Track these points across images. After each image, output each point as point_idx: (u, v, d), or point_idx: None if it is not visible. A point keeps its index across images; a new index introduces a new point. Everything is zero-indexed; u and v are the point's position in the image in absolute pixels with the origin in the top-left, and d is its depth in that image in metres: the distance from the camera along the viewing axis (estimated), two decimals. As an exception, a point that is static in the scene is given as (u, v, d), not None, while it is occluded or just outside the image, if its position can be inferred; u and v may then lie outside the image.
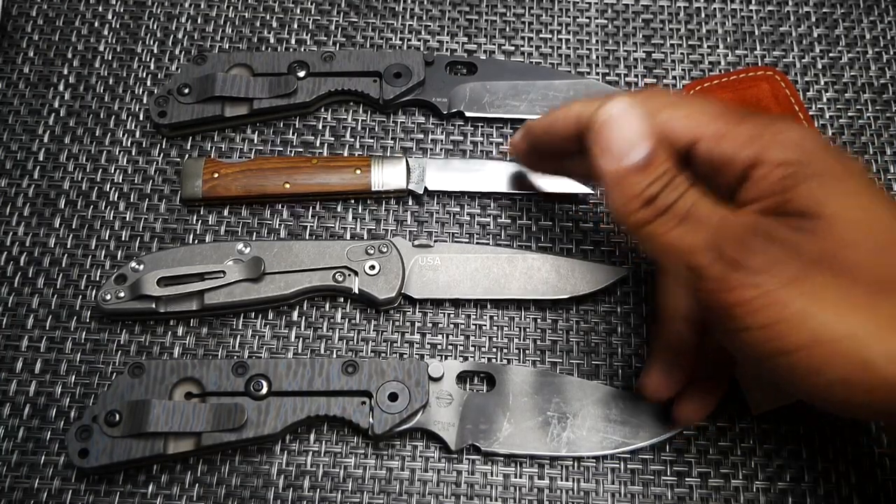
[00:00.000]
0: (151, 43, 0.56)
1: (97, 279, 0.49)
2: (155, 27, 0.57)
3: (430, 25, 0.57)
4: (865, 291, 0.33)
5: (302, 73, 0.52)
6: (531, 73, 0.54)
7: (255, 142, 0.53)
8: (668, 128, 0.37)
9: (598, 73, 0.56)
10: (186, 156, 0.52)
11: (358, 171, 0.50)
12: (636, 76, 0.55)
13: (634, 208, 0.36)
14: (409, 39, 0.57)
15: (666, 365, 0.42)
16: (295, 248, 0.48)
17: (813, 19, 0.58)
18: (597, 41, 0.57)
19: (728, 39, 0.57)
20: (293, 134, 0.53)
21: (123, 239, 0.50)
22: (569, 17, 0.58)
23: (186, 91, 0.51)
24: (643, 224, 0.36)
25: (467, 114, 0.53)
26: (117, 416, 0.42)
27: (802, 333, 0.32)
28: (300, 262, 0.47)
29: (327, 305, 0.49)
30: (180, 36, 0.56)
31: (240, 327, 0.48)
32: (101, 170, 0.52)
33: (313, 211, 0.51)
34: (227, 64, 0.53)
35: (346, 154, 0.53)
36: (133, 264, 0.47)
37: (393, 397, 0.44)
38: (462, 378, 0.46)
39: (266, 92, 0.52)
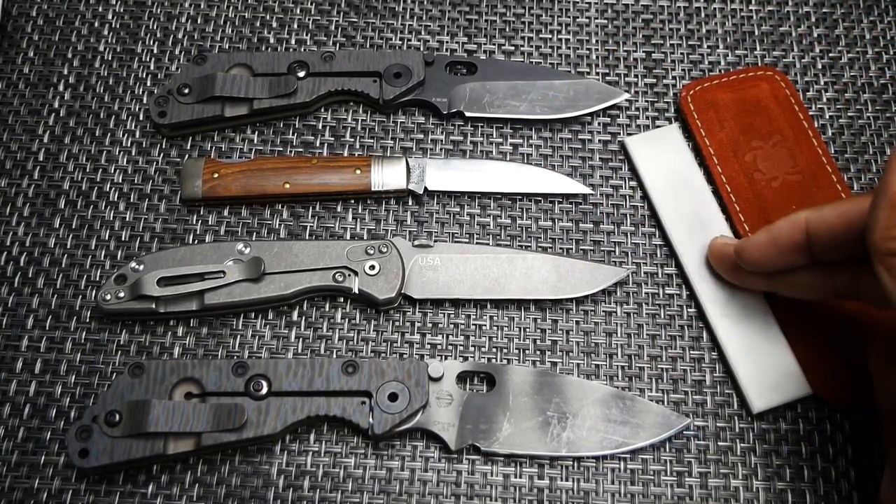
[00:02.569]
0: (151, 43, 0.56)
1: (97, 279, 0.49)
2: (155, 27, 0.57)
3: (430, 25, 0.57)
4: None
5: (302, 73, 0.52)
6: (531, 73, 0.54)
7: (255, 142, 0.53)
8: None
9: (598, 73, 0.56)
10: (186, 156, 0.52)
11: (358, 171, 0.50)
12: (636, 76, 0.55)
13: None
14: (409, 39, 0.57)
15: None
16: (295, 248, 0.48)
17: (813, 19, 0.58)
18: (597, 41, 0.57)
19: (728, 39, 0.57)
20: (293, 134, 0.53)
21: (123, 239, 0.50)
22: (569, 17, 0.58)
23: (186, 91, 0.51)
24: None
25: (467, 114, 0.53)
26: (117, 416, 0.42)
27: None
28: (300, 263, 0.47)
29: (327, 305, 0.49)
30: (180, 36, 0.56)
31: (240, 327, 0.48)
32: (101, 170, 0.52)
33: (313, 211, 0.51)
34: (227, 64, 0.53)
35: (346, 154, 0.53)
36: (133, 264, 0.47)
37: (393, 397, 0.44)
38: (462, 378, 0.46)
39: (266, 92, 0.52)
